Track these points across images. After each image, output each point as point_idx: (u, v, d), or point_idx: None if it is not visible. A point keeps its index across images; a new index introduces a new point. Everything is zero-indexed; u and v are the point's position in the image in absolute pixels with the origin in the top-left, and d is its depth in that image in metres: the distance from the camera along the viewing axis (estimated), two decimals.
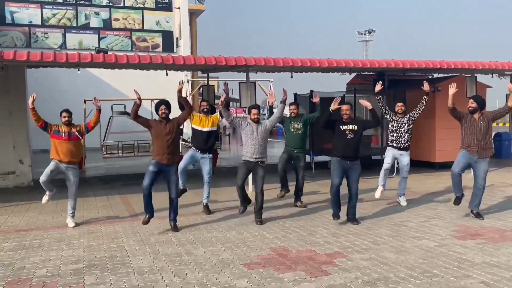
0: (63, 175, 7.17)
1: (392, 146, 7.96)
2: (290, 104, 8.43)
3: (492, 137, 15.60)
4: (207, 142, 7.60)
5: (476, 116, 6.79)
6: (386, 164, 7.96)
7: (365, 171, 8.71)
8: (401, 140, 7.87)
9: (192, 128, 7.72)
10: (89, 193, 9.94)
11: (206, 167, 7.63)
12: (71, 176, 7.07)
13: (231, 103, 38.78)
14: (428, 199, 8.65)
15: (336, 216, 6.73)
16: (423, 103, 7.89)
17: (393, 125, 7.92)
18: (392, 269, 4.88)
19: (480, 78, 12.94)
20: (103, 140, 14.90)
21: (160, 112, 6.53)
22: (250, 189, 9.63)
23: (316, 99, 7.97)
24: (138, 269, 5.04)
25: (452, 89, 6.87)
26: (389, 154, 7.99)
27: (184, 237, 6.31)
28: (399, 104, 8.03)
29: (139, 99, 6.57)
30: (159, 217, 6.97)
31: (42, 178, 7.02)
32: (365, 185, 9.19)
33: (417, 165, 12.48)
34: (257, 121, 6.98)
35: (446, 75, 13.26)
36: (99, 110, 7.38)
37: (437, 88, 12.27)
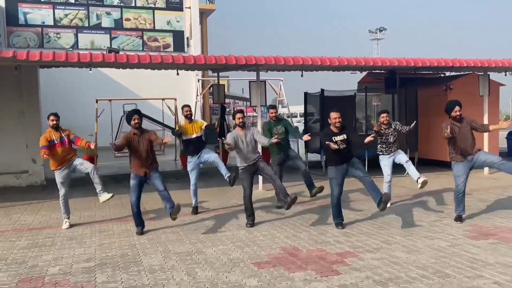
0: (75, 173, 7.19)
1: (383, 154, 7.77)
2: (270, 107, 8.42)
3: (505, 136, 15.42)
4: (197, 146, 7.66)
5: (459, 124, 6.62)
6: (387, 176, 7.69)
7: (372, 169, 8.65)
8: (391, 150, 7.73)
9: (183, 139, 7.76)
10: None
11: (212, 158, 7.68)
12: (81, 166, 7.10)
13: (240, 102, 38.86)
14: (440, 198, 8.57)
15: (340, 225, 6.56)
16: (405, 129, 7.84)
17: (381, 138, 7.74)
18: (404, 268, 4.84)
19: (493, 76, 12.79)
20: (115, 139, 14.99)
21: (133, 122, 6.54)
22: (260, 188, 9.64)
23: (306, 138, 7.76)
24: (149, 268, 5.07)
25: (446, 132, 6.52)
26: (385, 164, 7.73)
27: (194, 236, 6.33)
28: (383, 115, 7.78)
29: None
30: (167, 217, 6.98)
31: (61, 193, 7.07)
32: None
33: (429, 164, 12.39)
34: (242, 126, 6.87)
35: (458, 73, 13.12)
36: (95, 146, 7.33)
37: (449, 87, 12.16)
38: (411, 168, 7.68)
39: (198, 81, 20.56)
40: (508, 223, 6.56)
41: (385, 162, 7.77)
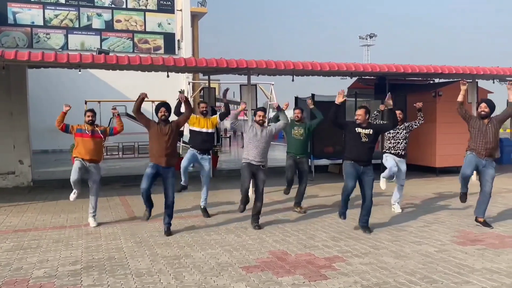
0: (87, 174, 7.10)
1: (390, 153, 7.80)
2: (295, 108, 8.48)
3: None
4: (205, 142, 7.59)
5: (486, 121, 6.65)
6: (394, 167, 7.59)
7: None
8: (399, 147, 7.77)
9: (190, 130, 7.70)
10: (88, 194, 9.89)
11: (205, 168, 7.59)
12: (93, 174, 7.08)
13: (232, 106, 38.88)
14: (428, 204, 8.62)
15: (343, 215, 6.54)
16: (420, 119, 7.97)
17: (389, 132, 7.81)
18: (392, 274, 4.85)
19: (481, 83, 12.94)
20: (104, 141, 14.87)
21: (160, 114, 6.53)
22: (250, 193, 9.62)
23: (310, 105, 8.15)
24: (136, 271, 5.02)
25: (463, 87, 6.74)
26: (391, 158, 7.75)
27: (182, 239, 6.28)
28: (397, 111, 7.91)
29: (145, 94, 6.56)
30: (158, 219, 6.95)
31: (73, 177, 6.92)
32: None
33: (418, 170, 12.48)
34: (261, 124, 6.90)
35: (447, 80, 13.25)
36: (118, 115, 7.54)
37: (438, 93, 12.27)
38: (400, 191, 7.93)
39: (189, 83, 20.56)
40: (495, 229, 6.61)
41: (390, 157, 7.75)
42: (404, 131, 7.82)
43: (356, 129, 6.48)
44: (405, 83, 13.73)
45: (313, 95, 12.33)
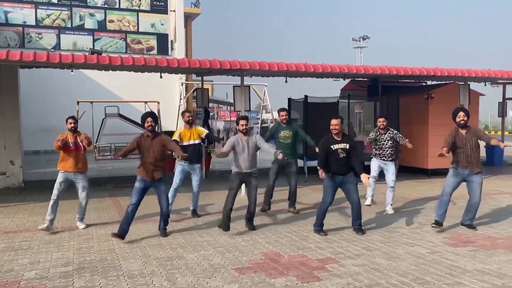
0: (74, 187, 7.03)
1: (376, 158, 8.11)
2: (281, 110, 8.29)
3: (484, 146, 15.69)
4: (193, 154, 7.57)
5: (463, 131, 6.64)
6: (373, 171, 8.03)
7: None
8: (384, 154, 7.99)
9: (180, 146, 7.70)
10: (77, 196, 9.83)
11: (196, 178, 7.67)
12: (81, 182, 7.00)
13: (224, 107, 38.81)
14: (421, 205, 8.66)
15: (320, 232, 6.51)
16: (406, 141, 8.06)
17: (376, 143, 7.97)
18: (384, 275, 4.86)
19: (473, 86, 13.03)
20: (96, 142, 14.80)
21: (146, 125, 6.46)
22: (242, 194, 9.61)
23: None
24: (129, 273, 4.99)
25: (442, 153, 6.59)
26: (375, 162, 8.10)
27: (175, 241, 6.26)
28: (381, 119, 8.01)
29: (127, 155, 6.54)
30: (151, 221, 6.92)
31: (54, 194, 6.87)
32: None
33: (410, 172, 12.53)
34: (246, 132, 6.78)
35: (439, 82, 13.33)
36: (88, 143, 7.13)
37: (430, 95, 12.34)
38: (390, 193, 8.01)
39: (182, 84, 20.49)
40: (486, 231, 6.66)
41: (375, 162, 8.07)
42: (389, 142, 7.96)
43: (332, 146, 6.45)
44: (398, 85, 13.80)
45: (306, 97, 12.37)
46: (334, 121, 6.53)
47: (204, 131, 7.87)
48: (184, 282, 4.69)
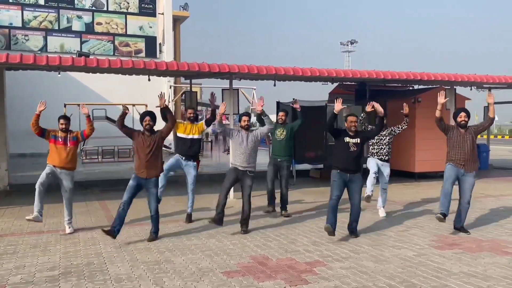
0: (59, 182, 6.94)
1: (373, 157, 8.07)
2: (280, 111, 8.67)
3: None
4: (191, 149, 7.54)
5: (463, 130, 6.75)
6: (373, 169, 7.92)
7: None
8: (382, 152, 8.00)
9: (177, 136, 7.64)
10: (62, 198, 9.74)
11: (191, 175, 7.54)
12: (65, 181, 6.90)
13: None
14: (408, 208, 8.73)
15: (332, 233, 6.22)
16: (405, 124, 7.97)
17: (374, 138, 7.99)
18: (372, 278, 4.89)
19: (459, 90, 13.19)
20: (83, 145, 14.67)
21: (144, 124, 6.45)
22: (232, 197, 9.59)
23: (296, 105, 8.24)
24: (116, 277, 4.95)
25: (441, 98, 6.72)
26: (373, 162, 8.02)
27: (163, 244, 6.23)
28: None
29: (127, 108, 6.52)
30: (138, 224, 6.88)
31: (39, 180, 6.75)
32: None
33: (397, 175, 12.62)
34: (247, 129, 6.90)
35: (426, 86, 13.47)
36: (88, 117, 7.22)
37: (417, 99, 12.45)
38: (383, 195, 8.07)
39: (170, 87, 20.43)
40: (472, 234, 6.73)
41: (373, 161, 8.00)
42: (387, 137, 7.99)
43: (345, 138, 6.45)
44: (385, 89, 13.91)
45: (294, 99, 12.39)
46: (352, 118, 6.55)
47: (203, 123, 7.77)
48: (172, 286, 4.67)
